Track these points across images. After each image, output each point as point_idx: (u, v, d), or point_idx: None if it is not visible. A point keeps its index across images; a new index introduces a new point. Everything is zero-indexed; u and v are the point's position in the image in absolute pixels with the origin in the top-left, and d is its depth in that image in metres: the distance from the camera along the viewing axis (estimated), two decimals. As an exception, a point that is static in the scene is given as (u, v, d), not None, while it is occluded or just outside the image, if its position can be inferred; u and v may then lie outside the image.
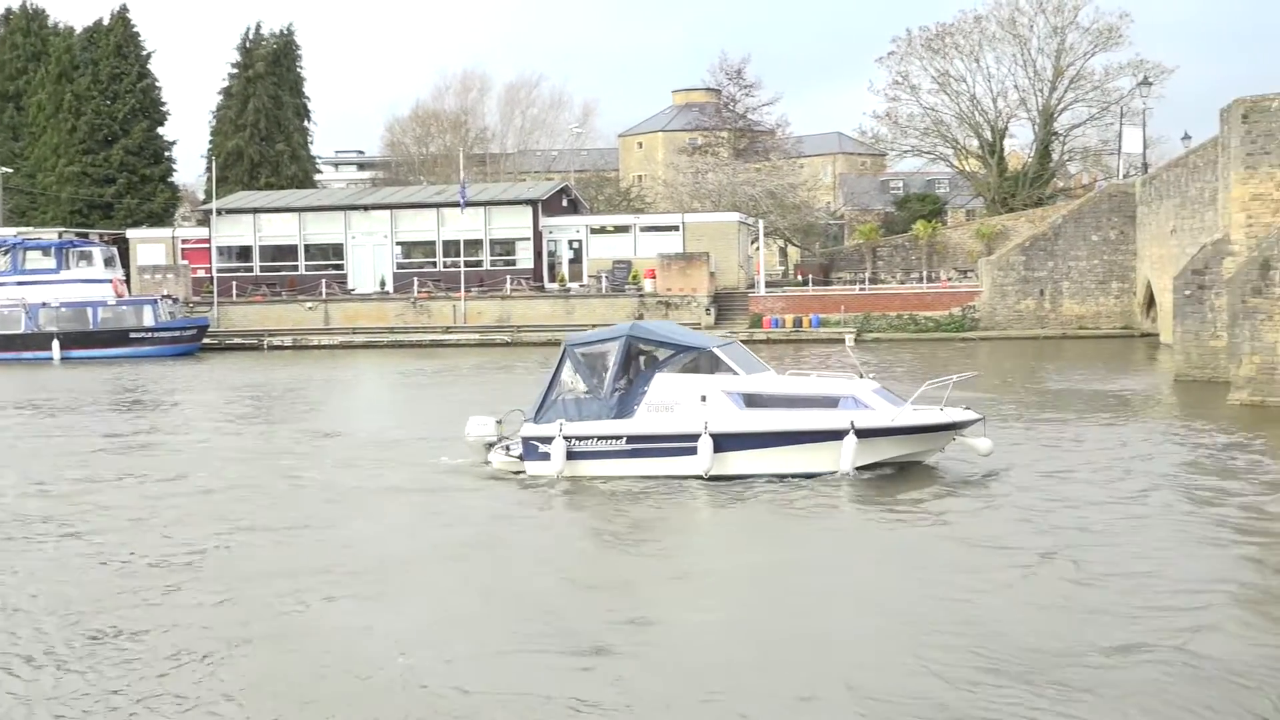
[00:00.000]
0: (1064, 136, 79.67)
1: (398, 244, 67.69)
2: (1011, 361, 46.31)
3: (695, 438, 20.29)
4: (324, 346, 60.54)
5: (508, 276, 64.64)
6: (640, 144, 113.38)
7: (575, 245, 67.16)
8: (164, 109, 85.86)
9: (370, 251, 67.53)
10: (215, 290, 64.57)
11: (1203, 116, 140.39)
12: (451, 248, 66.26)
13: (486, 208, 66.59)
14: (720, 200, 75.04)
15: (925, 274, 68.81)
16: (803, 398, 20.87)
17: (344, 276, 67.13)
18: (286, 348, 60.44)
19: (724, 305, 61.74)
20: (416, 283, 64.16)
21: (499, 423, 22.53)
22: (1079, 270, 59.64)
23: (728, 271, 64.58)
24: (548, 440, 20.94)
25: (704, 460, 20.27)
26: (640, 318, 60.49)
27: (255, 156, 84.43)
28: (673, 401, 20.70)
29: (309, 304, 63.77)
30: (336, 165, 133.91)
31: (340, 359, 54.51)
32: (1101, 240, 59.54)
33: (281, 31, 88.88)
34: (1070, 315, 59.37)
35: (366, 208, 68.83)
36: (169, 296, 61.98)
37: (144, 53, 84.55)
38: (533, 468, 21.21)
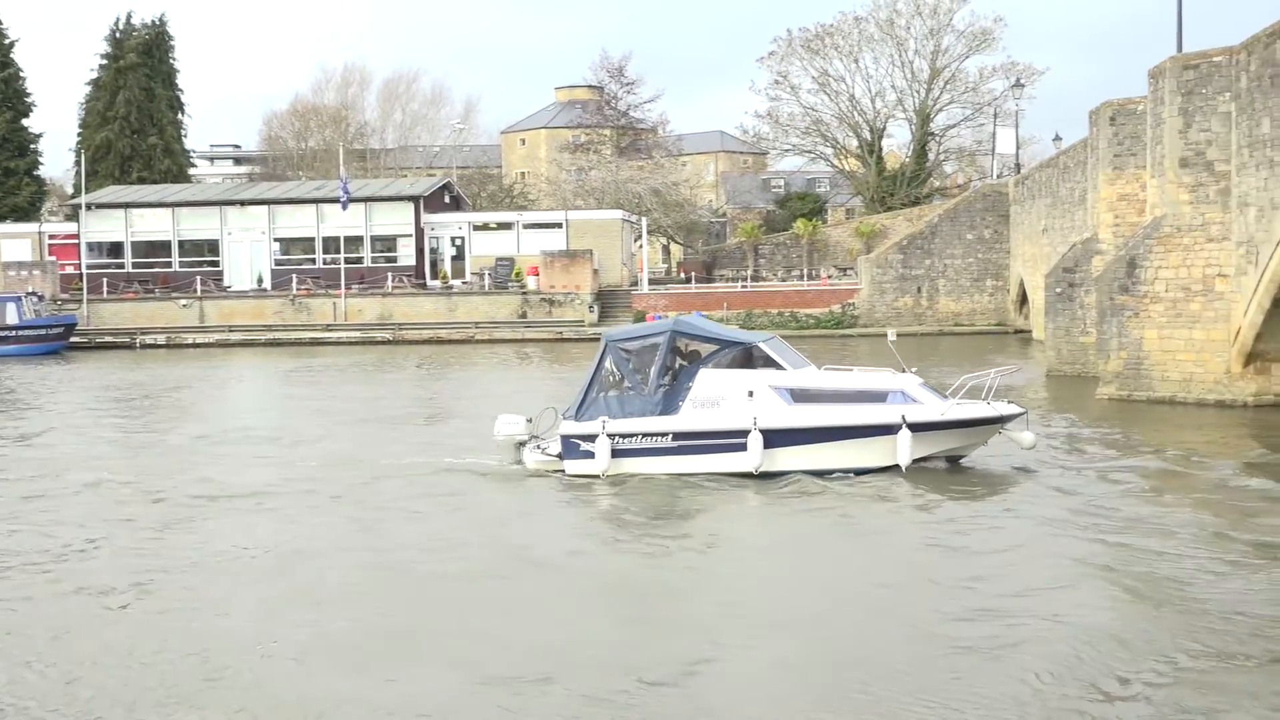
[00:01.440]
0: (940, 137, 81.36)
1: (276, 240, 66.44)
2: (891, 358, 46.94)
3: (744, 434, 19.91)
4: (199, 345, 59.13)
5: (389, 274, 63.85)
6: (523, 141, 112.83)
7: (458, 242, 66.61)
8: (29, 100, 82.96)
9: (247, 248, 66.17)
10: (85, 287, 62.65)
11: (1073, 118, 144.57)
12: (331, 244, 65.25)
13: (367, 204, 65.68)
14: (603, 198, 75.07)
15: (806, 272, 69.61)
16: (851, 392, 20.54)
17: (220, 273, 65.68)
18: (160, 346, 58.91)
19: (607, 303, 61.77)
20: (295, 280, 63.06)
21: (529, 421, 21.97)
22: (955, 268, 60.91)
23: (611, 269, 64.62)
24: (590, 438, 20.34)
25: (754, 457, 19.90)
26: (523, 315, 60.25)
27: (126, 150, 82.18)
28: (719, 397, 20.27)
29: (183, 301, 62.24)
30: (212, 159, 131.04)
31: (216, 358, 53.29)
32: (976, 239, 60.87)
33: (154, 22, 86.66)
34: (946, 312, 60.60)
35: (243, 203, 67.45)
36: (34, 294, 59.93)
37: (6, 41, 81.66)
38: (573, 466, 20.59)
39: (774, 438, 19.87)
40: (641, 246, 69.12)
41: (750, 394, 20.15)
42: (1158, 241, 29.12)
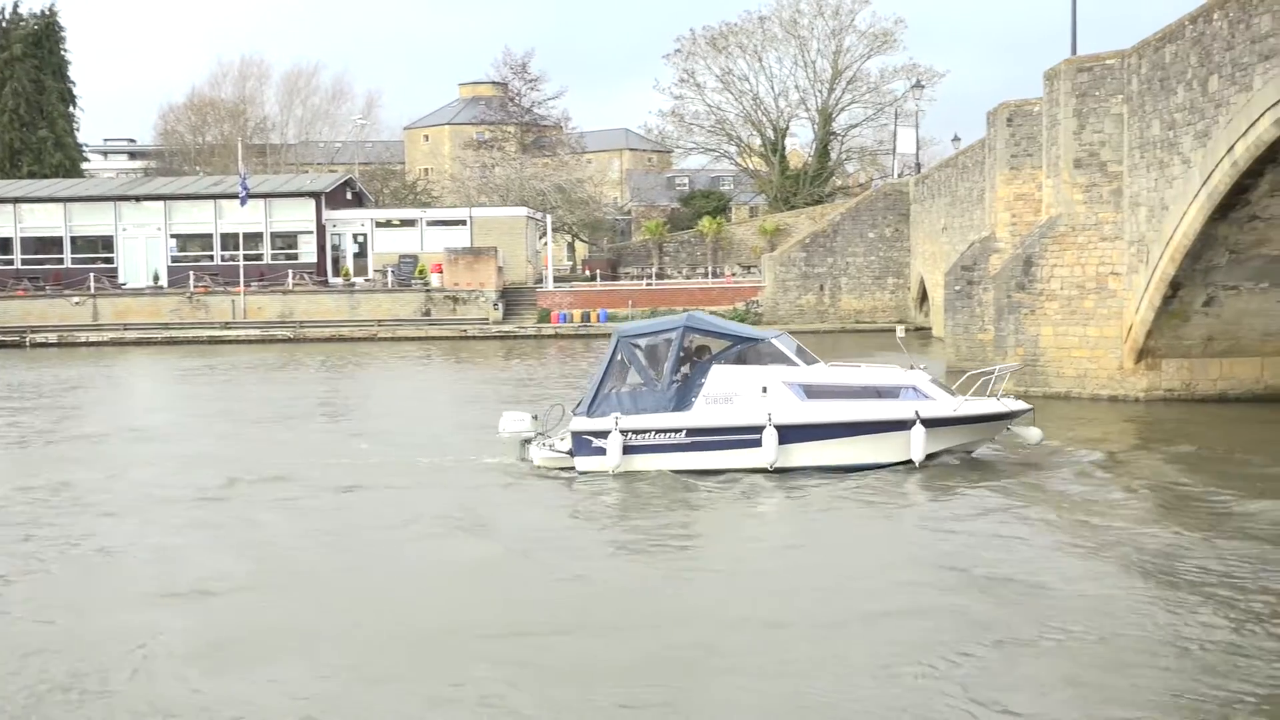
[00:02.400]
0: (842, 136, 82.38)
1: (172, 237, 65.11)
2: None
3: (759, 430, 19.80)
4: (93, 344, 57.69)
5: (290, 271, 62.90)
6: (426, 137, 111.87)
7: (360, 239, 65.84)
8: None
9: (143, 244, 64.74)
10: (-29, 284, 60.87)
11: (972, 119, 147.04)
12: (230, 241, 64.14)
13: (267, 200, 64.64)
14: (508, 195, 74.76)
15: (711, 269, 69.99)
16: (864, 388, 20.55)
17: (114, 270, 64.18)
18: (51, 345, 57.37)
19: (512, 300, 61.51)
20: (193, 277, 61.84)
21: (535, 418, 21.70)
22: (856, 266, 61.66)
23: (516, 266, 64.36)
24: (602, 434, 20.12)
25: (769, 453, 19.80)
26: (427, 313, 59.77)
27: (15, 143, 79.98)
28: (732, 393, 20.13)
29: (76, 299, 60.71)
30: (106, 154, 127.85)
31: (110, 356, 52.05)
32: (878, 237, 61.68)
33: (43, 12, 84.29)
34: (849, 310, 61.32)
35: (138, 198, 65.98)
36: (-81, 291, 58.12)
37: (-114, 30, 79.05)
38: (584, 463, 20.34)
39: (788, 433, 19.87)
40: (546, 244, 68.92)
41: (764, 390, 20.10)
42: (1053, 240, 29.72)
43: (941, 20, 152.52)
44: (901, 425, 19.93)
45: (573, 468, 20.48)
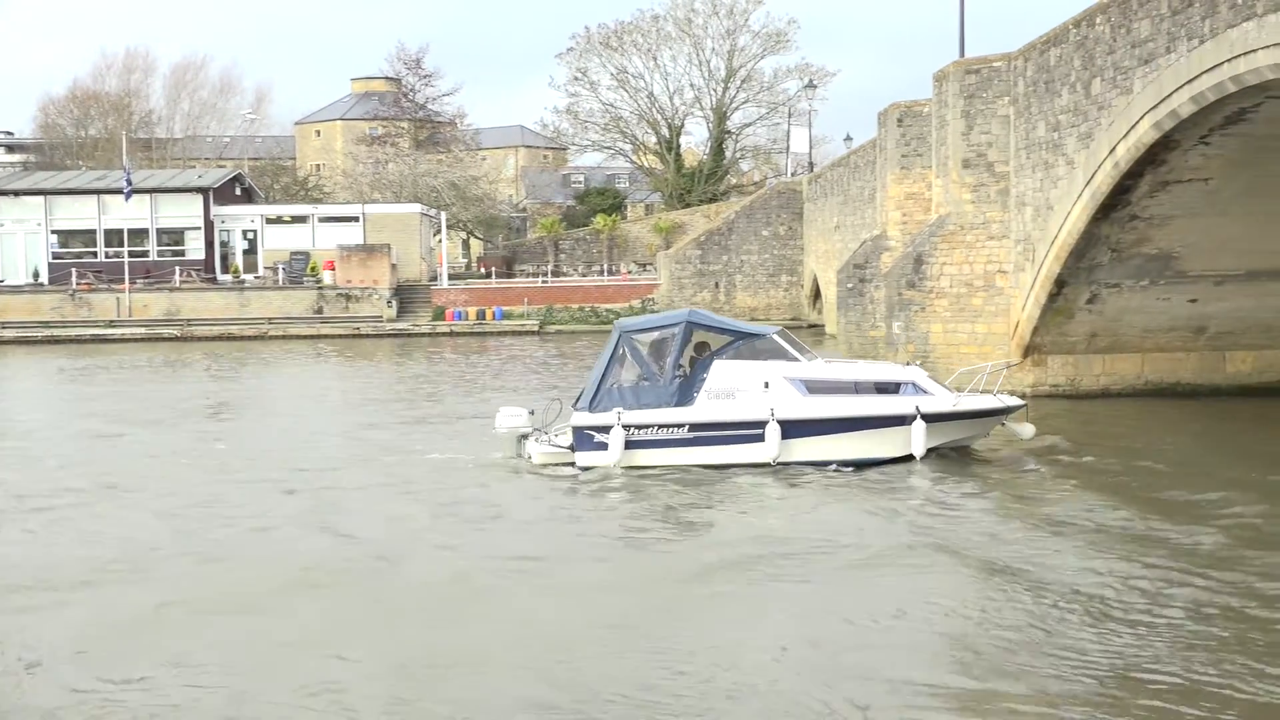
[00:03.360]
0: (737, 135, 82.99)
1: (53, 233, 63.33)
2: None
3: (762, 425, 19.90)
4: (-31, 343, 55.83)
5: (177, 268, 61.54)
6: (318, 132, 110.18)
7: (250, 236, 64.66)
8: None
9: (21, 240, 62.89)
10: None
11: (864, 119, 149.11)
12: (114, 237, 62.57)
13: (153, 195, 63.17)
14: (401, 191, 74.04)
15: (606, 267, 70.07)
16: (865, 384, 20.74)
17: (-8, 267, 62.25)
18: (-75, 344, 55.42)
19: (406, 298, 60.90)
20: (75, 274, 60.15)
21: (532, 413, 21.53)
22: (751, 264, 62.19)
23: (410, 264, 63.74)
24: (604, 429, 20.05)
25: (772, 448, 19.90)
26: (319, 310, 58.93)
27: (-115, 135, 77.27)
28: (734, 388, 20.21)
29: (-49, 297, 58.75)
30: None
31: (-12, 356, 50.44)
32: (772, 235, 62.28)
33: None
34: (744, 307, 61.79)
35: (17, 193, 64.03)
36: None
37: None
38: (585, 458, 20.24)
39: (790, 428, 19.98)
40: (441, 241, 68.38)
41: (766, 385, 20.23)
42: (942, 239, 30.24)
43: (834, 21, 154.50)
44: (902, 420, 20.14)
45: (572, 463, 20.41)
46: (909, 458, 20.10)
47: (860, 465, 19.99)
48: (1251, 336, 27.68)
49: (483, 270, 71.92)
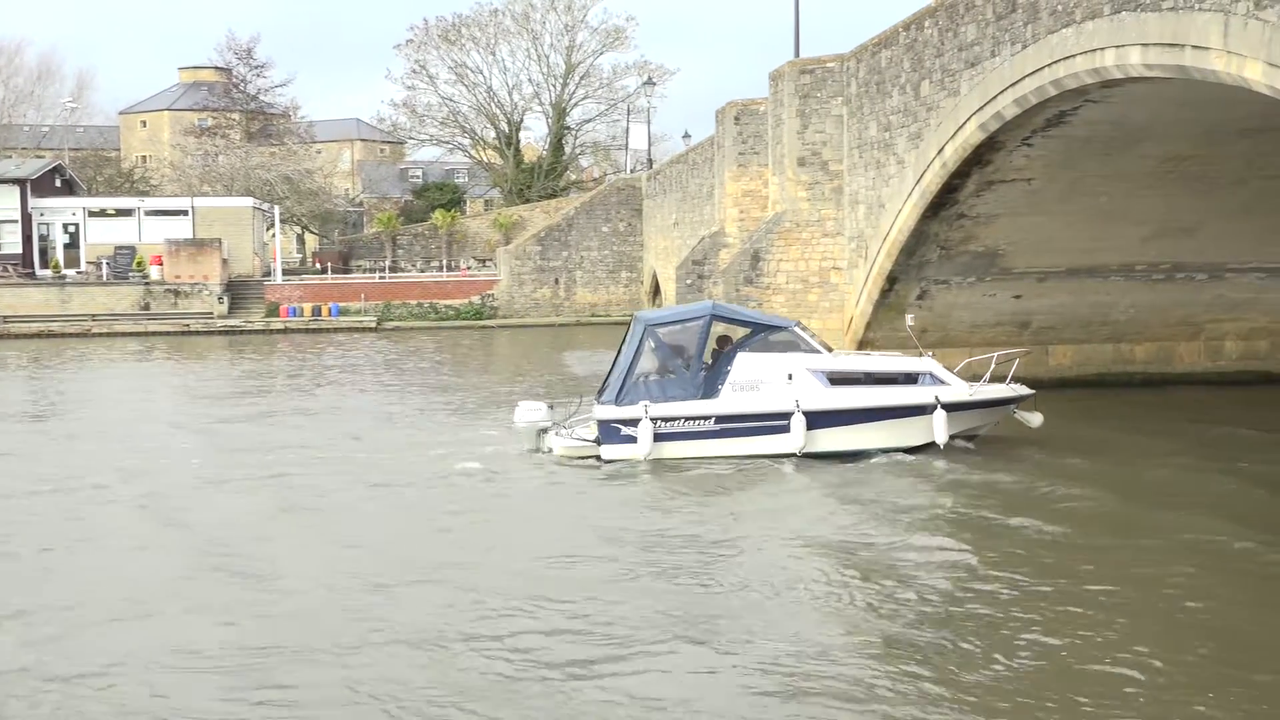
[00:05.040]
0: (576, 131, 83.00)
1: None
2: (531, 348, 47.66)
3: (787, 416, 20.20)
4: None
5: (-8, 262, 58.90)
6: (144, 123, 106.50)
7: (71, 229, 62.19)
8: None
9: None
10: None
11: (702, 116, 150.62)
12: (-78, 230, 59.53)
13: (-35, 186, 60.29)
14: (233, 184, 72.07)
15: (445, 262, 69.41)
16: (884, 374, 21.09)
17: None
18: None
19: (238, 293, 59.31)
20: (-121, 269, 57.11)
21: (551, 408, 21.68)
22: (591, 260, 62.28)
23: (242, 258, 62.11)
24: (632, 422, 20.18)
25: (798, 438, 20.18)
26: (146, 307, 57.04)
27: None
28: (757, 380, 20.49)
29: None
30: None
31: None
32: (611, 231, 62.49)
33: None
34: (584, 303, 61.88)
35: None
36: None
37: None
38: (611, 451, 20.39)
39: (815, 419, 20.30)
40: (274, 236, 66.83)
41: (789, 377, 20.53)
42: (779, 236, 30.75)
43: (672, 19, 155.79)
44: (922, 409, 20.52)
45: (597, 457, 20.53)
46: (930, 446, 20.53)
47: (883, 454, 20.45)
48: (1072, 331, 28.81)
49: (318, 266, 70.49)
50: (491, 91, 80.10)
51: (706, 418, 20.52)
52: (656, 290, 58.13)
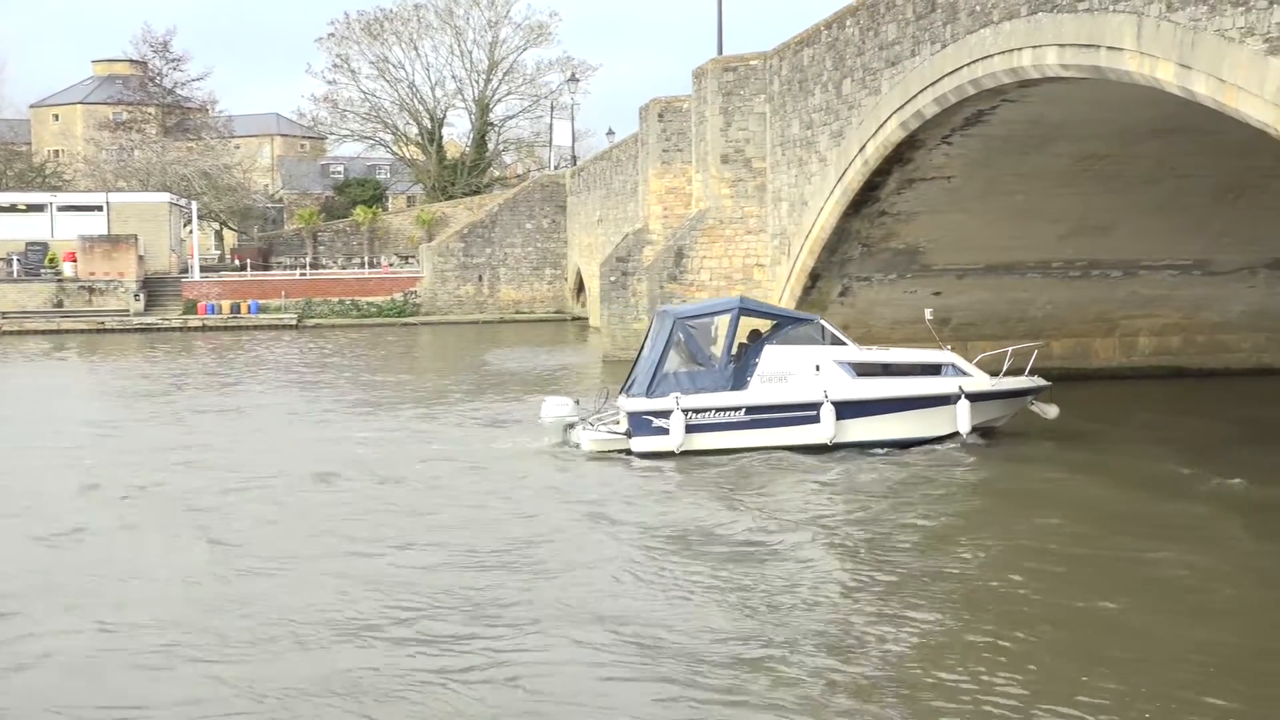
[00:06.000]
0: (499, 127, 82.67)
1: None
2: (455, 345, 47.38)
3: (816, 407, 20.44)
4: None
5: (-103, 259, 57.33)
6: (56, 116, 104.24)
7: (-20, 225, 60.69)
8: None
9: None
10: None
11: (627, 113, 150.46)
12: None
13: None
14: (149, 180, 70.77)
15: (367, 259, 68.78)
16: (909, 365, 21.35)
17: None
18: None
19: (155, 290, 58.25)
20: None
21: (577, 403, 21.84)
22: (515, 257, 62.03)
23: (158, 255, 61.00)
24: (664, 414, 20.33)
25: (828, 428, 20.44)
26: (60, 304, 55.90)
27: None
28: (786, 372, 20.74)
29: None
30: None
31: None
32: (535, 228, 62.28)
33: None
34: (508, 300, 61.62)
35: None
36: None
37: None
38: (642, 443, 20.44)
39: (843, 409, 20.56)
40: (192, 232, 65.79)
41: (817, 368, 20.80)
42: (702, 233, 30.85)
43: (596, 15, 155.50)
44: (946, 400, 20.84)
45: (627, 450, 20.56)
46: (953, 436, 20.83)
47: (907, 445, 20.71)
48: (990, 327, 29.19)
49: (237, 262, 69.47)
50: (414, 87, 79.54)
51: (737, 409, 20.78)
52: (581, 287, 58.04)
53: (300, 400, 30.29)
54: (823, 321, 21.95)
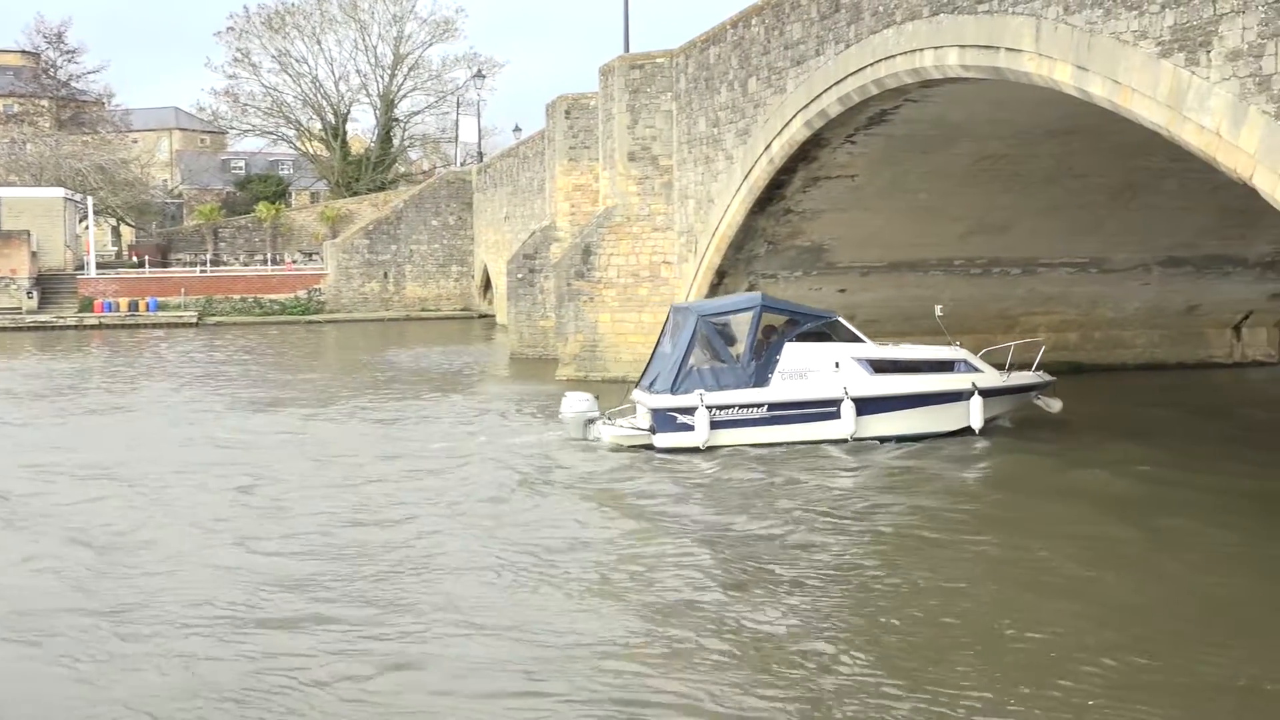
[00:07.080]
0: (405, 123, 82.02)
1: None
2: (360, 343, 46.84)
3: (836, 403, 20.94)
4: None
5: None
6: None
7: None
8: None
9: None
10: None
11: (534, 109, 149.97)
12: None
13: None
14: (42, 174, 69.00)
15: (270, 256, 67.77)
16: (923, 362, 21.85)
17: None
18: None
19: (49, 288, 56.80)
20: None
21: (597, 399, 22.06)
22: (421, 254, 61.51)
23: (53, 252, 59.47)
24: (689, 411, 20.65)
25: (848, 424, 20.92)
26: (-52, 302, 54.25)
27: None
28: (806, 369, 21.19)
29: None
30: None
31: None
32: (442, 225, 61.81)
33: None
34: (414, 297, 61.09)
35: None
36: None
37: None
38: (666, 439, 20.75)
39: (862, 405, 21.01)
40: (88, 228, 64.27)
41: (836, 365, 21.24)
42: (609, 230, 30.82)
43: (502, 11, 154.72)
44: (960, 396, 21.42)
45: (649, 445, 20.84)
46: (967, 430, 21.30)
47: (922, 439, 21.13)
48: (895, 324, 29.49)
49: (135, 259, 68.04)
50: (317, 82, 78.56)
51: (760, 405, 21.14)
52: (488, 284, 57.73)
53: (195, 399, 29.69)
54: (840, 318, 22.34)
